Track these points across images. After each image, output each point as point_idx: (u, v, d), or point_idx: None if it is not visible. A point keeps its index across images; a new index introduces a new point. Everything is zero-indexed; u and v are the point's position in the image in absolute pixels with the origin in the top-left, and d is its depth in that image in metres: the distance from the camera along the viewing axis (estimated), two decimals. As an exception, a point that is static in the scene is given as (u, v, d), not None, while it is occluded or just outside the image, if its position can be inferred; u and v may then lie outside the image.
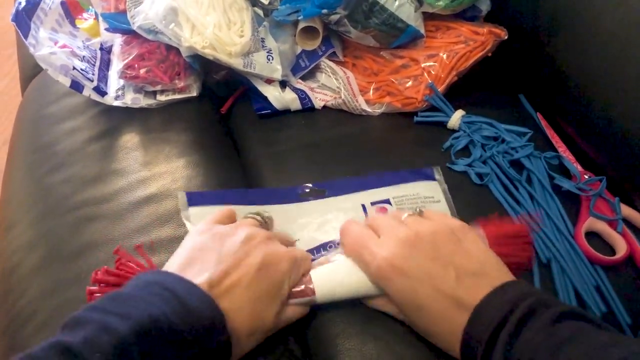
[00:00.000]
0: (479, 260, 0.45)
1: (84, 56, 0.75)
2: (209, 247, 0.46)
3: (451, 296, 0.43)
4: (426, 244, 0.46)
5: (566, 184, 0.64)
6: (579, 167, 0.68)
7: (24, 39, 0.68)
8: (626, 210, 0.63)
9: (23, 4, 0.71)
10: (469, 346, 0.41)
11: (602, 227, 0.62)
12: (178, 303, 0.39)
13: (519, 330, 0.38)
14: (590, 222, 0.62)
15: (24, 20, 0.69)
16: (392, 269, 0.45)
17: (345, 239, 0.51)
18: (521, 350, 0.38)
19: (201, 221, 0.52)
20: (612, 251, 0.60)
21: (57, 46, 0.73)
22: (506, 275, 0.45)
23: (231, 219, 0.54)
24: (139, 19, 0.70)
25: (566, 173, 0.67)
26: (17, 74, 1.75)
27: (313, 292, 0.49)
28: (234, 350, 0.43)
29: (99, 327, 0.36)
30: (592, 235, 0.61)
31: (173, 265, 0.45)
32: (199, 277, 0.43)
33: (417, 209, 0.52)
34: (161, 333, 0.38)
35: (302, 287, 0.50)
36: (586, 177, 0.66)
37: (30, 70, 0.95)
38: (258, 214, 0.55)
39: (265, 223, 0.55)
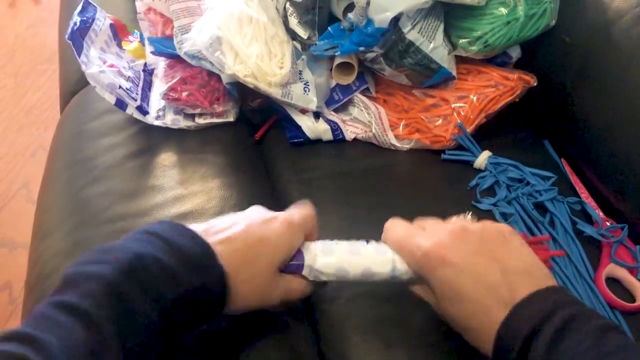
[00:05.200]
0: (525, 261, 0.45)
1: (129, 76, 0.79)
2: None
3: (494, 291, 0.42)
4: (474, 238, 0.45)
5: (588, 230, 0.66)
6: (601, 214, 0.70)
7: (77, 57, 0.71)
8: (647, 259, 0.64)
9: (78, 24, 0.75)
10: (502, 344, 0.40)
11: (622, 273, 0.63)
12: (163, 243, 0.40)
13: (560, 336, 0.38)
14: (611, 268, 0.63)
15: (78, 39, 0.73)
16: (437, 258, 0.44)
17: (390, 233, 0.50)
18: (562, 357, 0.37)
19: None
20: (632, 298, 0.62)
21: (105, 65, 0.76)
22: (551, 280, 0.44)
23: None
24: (186, 45, 0.73)
25: (588, 219, 0.69)
26: (50, 89, 1.82)
27: (302, 258, 0.49)
28: (232, 297, 0.44)
29: (86, 278, 0.37)
30: (612, 281, 0.63)
31: None
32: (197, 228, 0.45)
33: (466, 213, 0.51)
34: (148, 269, 0.38)
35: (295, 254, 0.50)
36: (608, 223, 0.68)
37: (72, 87, 0.99)
38: None
39: None
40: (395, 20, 0.69)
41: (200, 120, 0.79)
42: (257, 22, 0.74)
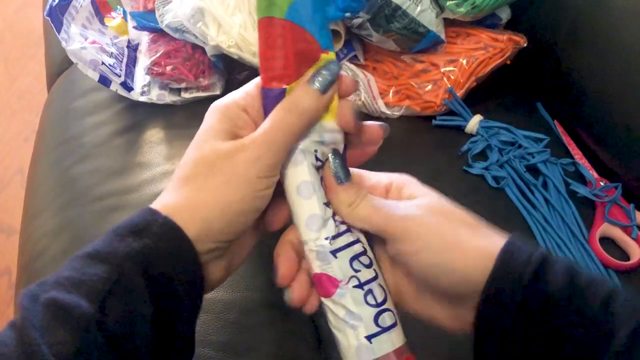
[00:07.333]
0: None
1: (112, 52, 0.77)
2: None
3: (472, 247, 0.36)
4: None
5: (582, 190, 0.65)
6: (595, 174, 0.69)
7: (56, 33, 0.70)
8: (641, 217, 0.64)
9: (56, 1, 0.73)
10: (486, 313, 0.34)
11: (616, 233, 0.62)
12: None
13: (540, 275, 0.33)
14: (605, 228, 0.63)
15: (57, 15, 0.72)
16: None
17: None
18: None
19: None
20: (626, 257, 0.61)
21: (87, 42, 0.75)
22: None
23: None
24: (167, 17, 0.72)
25: (582, 180, 0.68)
26: (40, 73, 1.79)
27: None
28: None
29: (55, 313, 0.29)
30: (606, 241, 0.62)
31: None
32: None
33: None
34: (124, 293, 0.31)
35: None
36: (602, 183, 0.67)
37: (57, 67, 0.98)
38: None
39: None
40: (380, -17, 0.68)
41: (186, 95, 0.77)
42: (239, -8, 0.72)
